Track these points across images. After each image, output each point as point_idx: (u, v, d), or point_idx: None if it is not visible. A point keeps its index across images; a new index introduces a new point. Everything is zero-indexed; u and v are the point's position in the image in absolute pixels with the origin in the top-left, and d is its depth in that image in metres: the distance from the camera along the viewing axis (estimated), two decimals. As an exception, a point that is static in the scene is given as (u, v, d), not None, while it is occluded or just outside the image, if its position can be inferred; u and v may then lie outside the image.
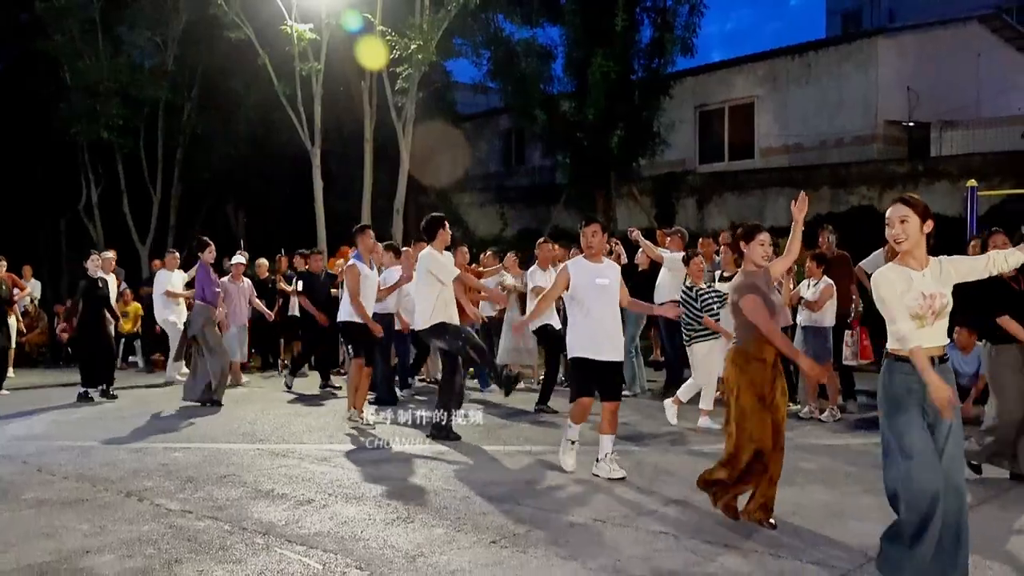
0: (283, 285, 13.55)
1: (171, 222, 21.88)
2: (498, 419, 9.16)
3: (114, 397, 11.00)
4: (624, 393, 8.71)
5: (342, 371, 12.42)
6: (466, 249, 12.26)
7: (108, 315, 11.24)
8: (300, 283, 12.27)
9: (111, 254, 13.18)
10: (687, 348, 8.97)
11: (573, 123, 19.05)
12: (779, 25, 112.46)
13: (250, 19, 16.26)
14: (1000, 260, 4.17)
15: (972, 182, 11.73)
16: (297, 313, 13.19)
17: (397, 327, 10.93)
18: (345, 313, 9.21)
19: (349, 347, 9.54)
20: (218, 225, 23.65)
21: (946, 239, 12.38)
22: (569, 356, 6.73)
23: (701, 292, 8.73)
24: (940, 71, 21.20)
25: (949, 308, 4.07)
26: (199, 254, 10.68)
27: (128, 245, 20.24)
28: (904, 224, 4.05)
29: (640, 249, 11.15)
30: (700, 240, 11.19)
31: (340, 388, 11.53)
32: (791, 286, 9.23)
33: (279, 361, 14.25)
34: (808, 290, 9.05)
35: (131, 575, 4.48)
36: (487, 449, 7.68)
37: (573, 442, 6.71)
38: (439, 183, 24.31)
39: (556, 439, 7.15)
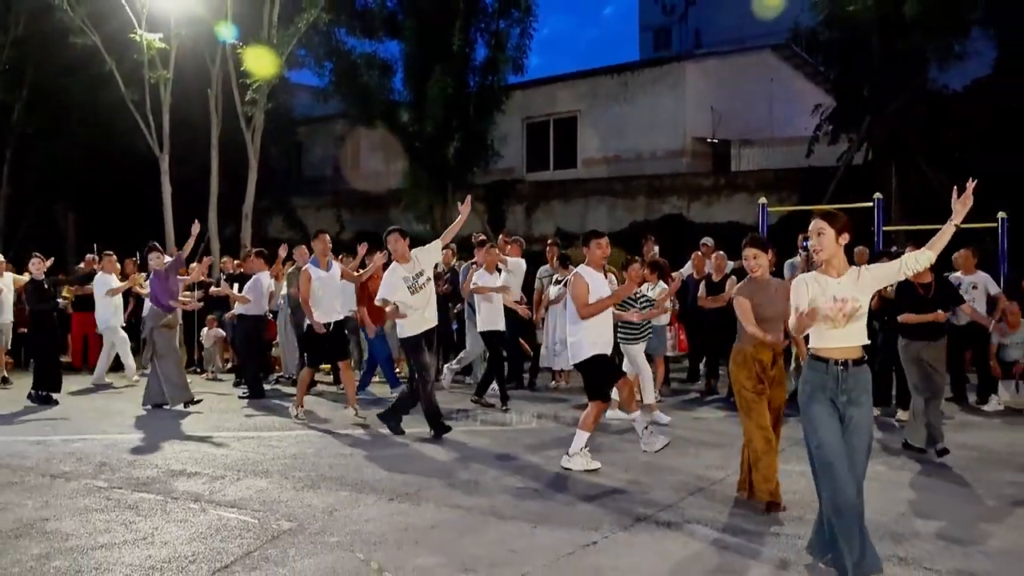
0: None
1: (-1, 224, 21.51)
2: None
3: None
4: None
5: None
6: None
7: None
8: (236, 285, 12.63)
9: None
10: (623, 348, 9.46)
11: (412, 133, 20.26)
12: (594, 33, 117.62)
13: (98, 26, 16.45)
14: (912, 261, 4.48)
15: (763, 199, 13.74)
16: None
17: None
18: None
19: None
20: (49, 227, 23.32)
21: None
22: (585, 358, 6.99)
23: (639, 295, 9.39)
24: (739, 94, 23.76)
25: (861, 313, 4.43)
26: (149, 257, 10.63)
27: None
28: (821, 236, 4.48)
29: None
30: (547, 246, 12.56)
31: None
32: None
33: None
34: (649, 293, 10.37)
35: (97, 533, 5.34)
36: (362, 432, 8.77)
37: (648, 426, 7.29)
38: (276, 186, 24.90)
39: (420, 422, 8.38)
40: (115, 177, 21.09)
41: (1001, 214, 12.09)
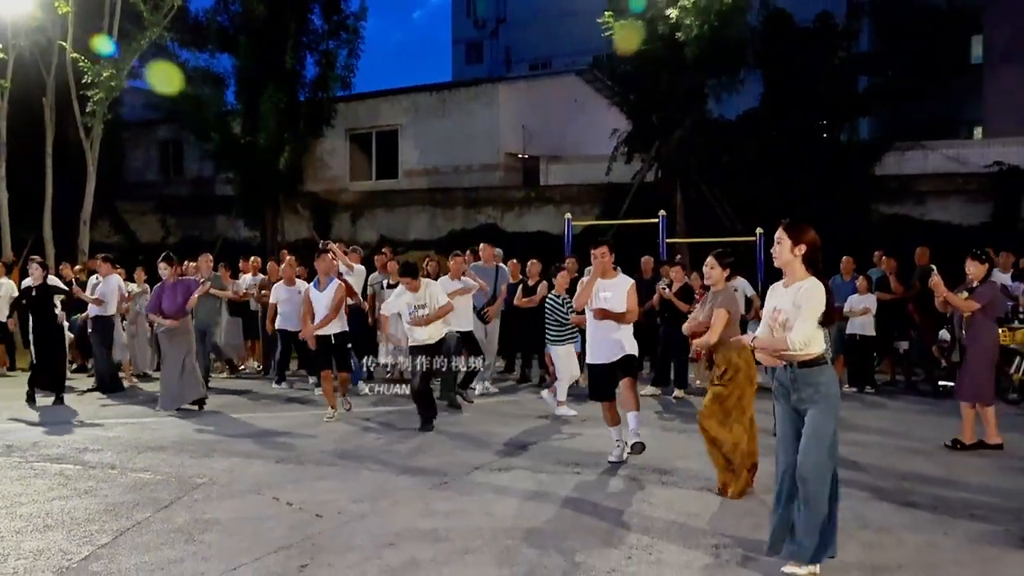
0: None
1: None
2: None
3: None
4: None
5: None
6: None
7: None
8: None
9: None
10: (551, 349, 10.40)
11: (245, 144, 21.31)
12: (402, 37, 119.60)
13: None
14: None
15: (568, 214, 15.91)
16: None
17: None
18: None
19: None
20: None
21: (550, 252, 16.49)
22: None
23: (566, 300, 10.11)
24: (548, 113, 26.10)
25: (790, 324, 4.59)
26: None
27: None
28: (778, 245, 4.73)
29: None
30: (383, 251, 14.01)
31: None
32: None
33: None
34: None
35: (44, 492, 6.60)
36: (239, 415, 10.14)
37: (617, 441, 7.61)
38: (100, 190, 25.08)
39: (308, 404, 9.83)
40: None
41: (759, 230, 14.67)
